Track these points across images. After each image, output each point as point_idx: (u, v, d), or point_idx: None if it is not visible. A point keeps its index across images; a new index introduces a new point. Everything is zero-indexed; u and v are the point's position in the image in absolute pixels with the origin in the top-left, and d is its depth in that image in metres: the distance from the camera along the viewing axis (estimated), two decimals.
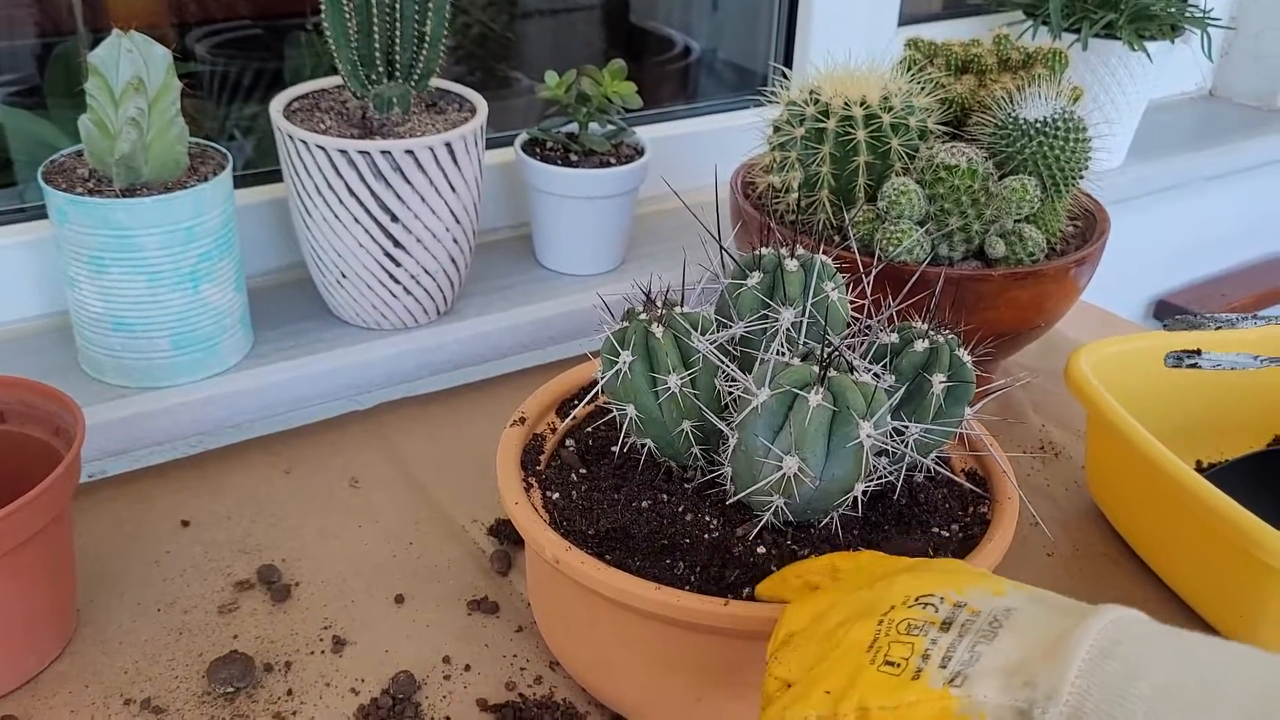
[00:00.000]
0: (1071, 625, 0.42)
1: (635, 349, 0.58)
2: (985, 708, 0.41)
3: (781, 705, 0.46)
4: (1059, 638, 0.41)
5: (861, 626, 0.46)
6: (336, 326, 0.90)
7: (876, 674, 0.44)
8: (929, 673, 0.43)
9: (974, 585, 0.46)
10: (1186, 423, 0.81)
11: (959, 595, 0.45)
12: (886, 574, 0.49)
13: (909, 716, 0.42)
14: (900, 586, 0.47)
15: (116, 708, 0.63)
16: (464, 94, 0.91)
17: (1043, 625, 0.43)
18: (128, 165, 0.76)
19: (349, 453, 0.86)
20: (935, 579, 0.47)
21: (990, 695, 0.41)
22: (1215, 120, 1.56)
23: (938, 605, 0.45)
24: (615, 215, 0.98)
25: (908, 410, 0.59)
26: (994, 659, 0.42)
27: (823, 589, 0.52)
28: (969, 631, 0.43)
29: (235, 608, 0.70)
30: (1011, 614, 0.44)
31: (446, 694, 0.65)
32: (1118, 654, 0.40)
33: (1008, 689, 0.41)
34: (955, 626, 0.44)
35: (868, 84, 0.82)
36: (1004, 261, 0.81)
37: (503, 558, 0.75)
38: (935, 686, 0.42)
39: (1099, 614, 0.42)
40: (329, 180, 0.82)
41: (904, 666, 0.43)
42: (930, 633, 0.44)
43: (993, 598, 0.45)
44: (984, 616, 0.44)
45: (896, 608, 0.46)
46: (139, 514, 0.78)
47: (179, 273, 0.78)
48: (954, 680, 0.42)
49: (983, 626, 0.44)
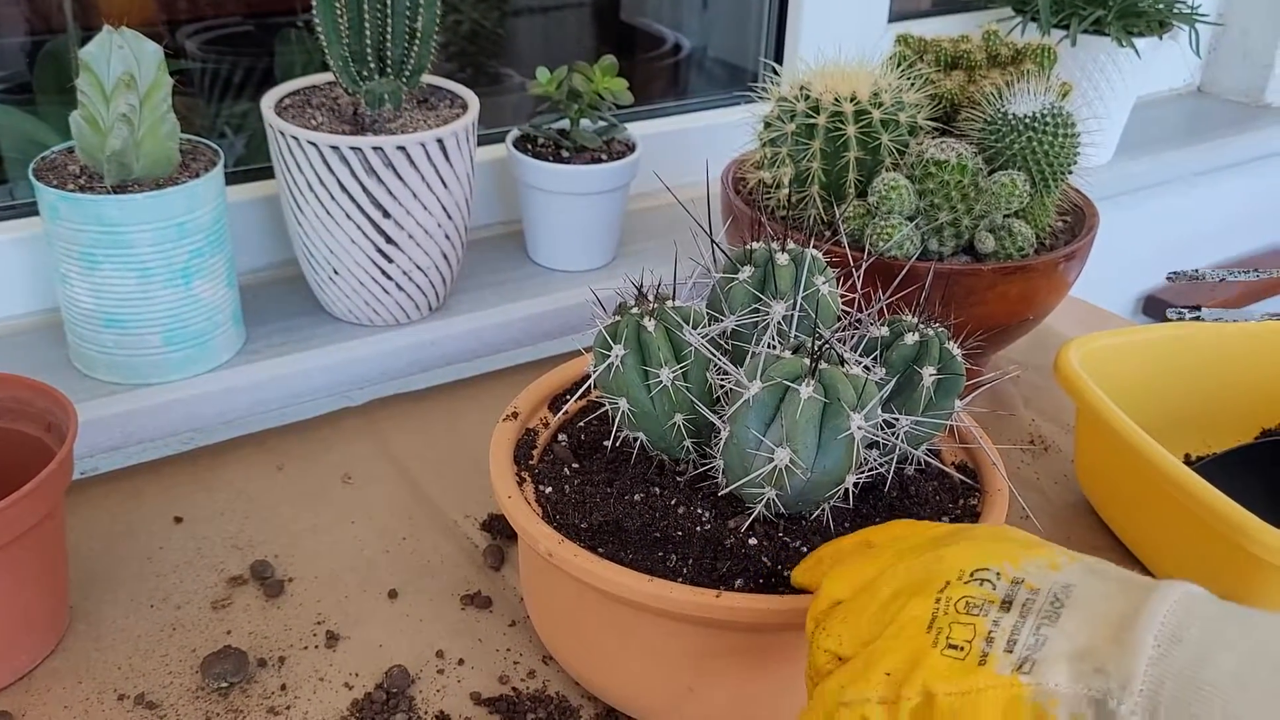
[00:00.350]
0: (1135, 606, 0.41)
1: (627, 343, 0.59)
2: (1057, 695, 0.40)
3: (838, 683, 0.45)
4: (1123, 620, 0.41)
5: (918, 603, 0.45)
6: (329, 323, 0.91)
7: (940, 657, 0.43)
8: (995, 657, 0.42)
9: (1028, 557, 0.45)
10: (1175, 416, 0.82)
11: (1015, 570, 0.45)
12: (932, 543, 0.48)
13: (977, 703, 0.42)
14: (953, 559, 0.46)
15: (110, 703, 0.63)
16: (455, 90, 0.91)
17: (1104, 603, 0.42)
18: (119, 162, 0.76)
19: (342, 448, 0.86)
20: (988, 550, 0.46)
21: (1062, 683, 0.40)
22: (1203, 116, 1.56)
23: (995, 582, 0.45)
24: (606, 211, 0.99)
25: (898, 403, 0.59)
26: (1060, 643, 0.41)
27: (864, 556, 0.51)
28: (1031, 612, 0.43)
29: (229, 603, 0.71)
30: (1071, 591, 0.43)
31: (440, 688, 0.65)
32: (1186, 638, 0.39)
33: (1079, 676, 0.40)
34: (1016, 606, 0.43)
35: (858, 80, 0.82)
36: (993, 256, 0.81)
37: (495, 552, 0.75)
38: (1003, 672, 0.42)
39: (1161, 594, 0.41)
40: (320, 176, 0.82)
41: (968, 650, 0.43)
42: (991, 613, 0.43)
43: (1050, 572, 0.45)
44: (1044, 595, 0.43)
45: (953, 584, 0.45)
46: (132, 510, 0.78)
47: (171, 269, 0.78)
48: (1022, 666, 0.41)
49: (1044, 606, 0.43)
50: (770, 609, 0.54)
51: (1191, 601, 0.41)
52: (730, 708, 0.58)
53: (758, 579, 0.57)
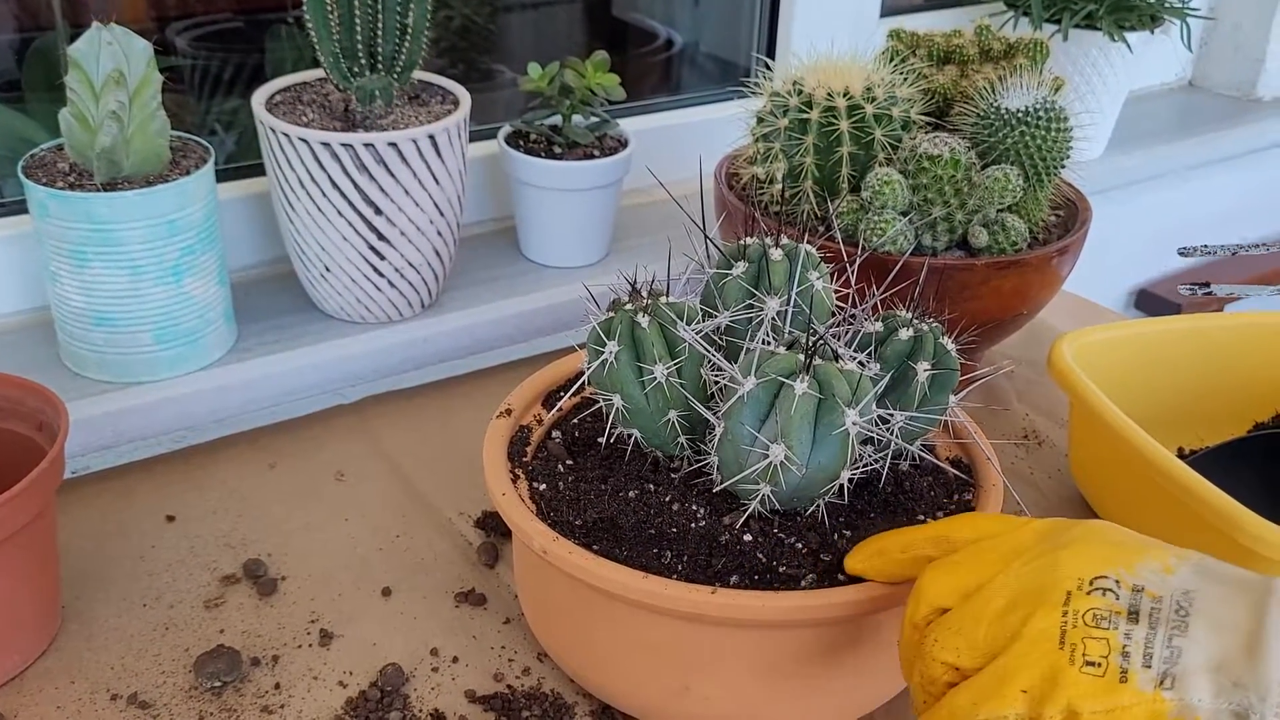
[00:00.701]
0: (1259, 611, 0.43)
1: (621, 339, 0.58)
2: (1200, 711, 0.42)
3: (969, 699, 0.46)
4: (1251, 630, 0.42)
5: (1044, 616, 0.45)
6: (321, 320, 0.90)
7: (1080, 675, 0.44)
8: (1135, 673, 0.43)
9: (1140, 561, 0.46)
10: (1168, 410, 0.82)
11: (1132, 576, 0.45)
12: (1041, 547, 0.48)
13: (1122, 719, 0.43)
14: (1068, 566, 0.46)
15: (103, 703, 0.63)
16: (447, 86, 0.91)
17: (1227, 609, 0.43)
18: (109, 159, 0.75)
19: (335, 446, 0.85)
20: (1102, 555, 0.47)
21: (1204, 699, 0.42)
22: (1195, 110, 1.57)
23: (1116, 591, 0.45)
24: (599, 207, 0.98)
25: (892, 398, 0.59)
26: (1195, 655, 0.42)
27: (958, 560, 0.51)
28: (1159, 623, 0.44)
29: (221, 602, 0.70)
30: (1193, 598, 0.44)
31: (435, 686, 0.65)
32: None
33: (1219, 690, 0.41)
34: (1143, 617, 0.44)
35: (850, 75, 0.82)
36: (987, 251, 0.81)
37: (490, 550, 0.75)
38: (1146, 689, 0.42)
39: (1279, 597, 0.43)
40: (312, 173, 0.82)
41: (1106, 666, 0.43)
42: (1120, 625, 0.44)
43: (1166, 577, 0.45)
44: (1167, 603, 0.44)
45: (1074, 594, 0.45)
46: (123, 509, 0.78)
47: (161, 267, 0.77)
48: (1163, 682, 0.42)
49: (1170, 616, 0.44)
50: (765, 606, 0.53)
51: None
52: (727, 705, 0.58)
53: (753, 575, 0.56)
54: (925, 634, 0.49)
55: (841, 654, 0.57)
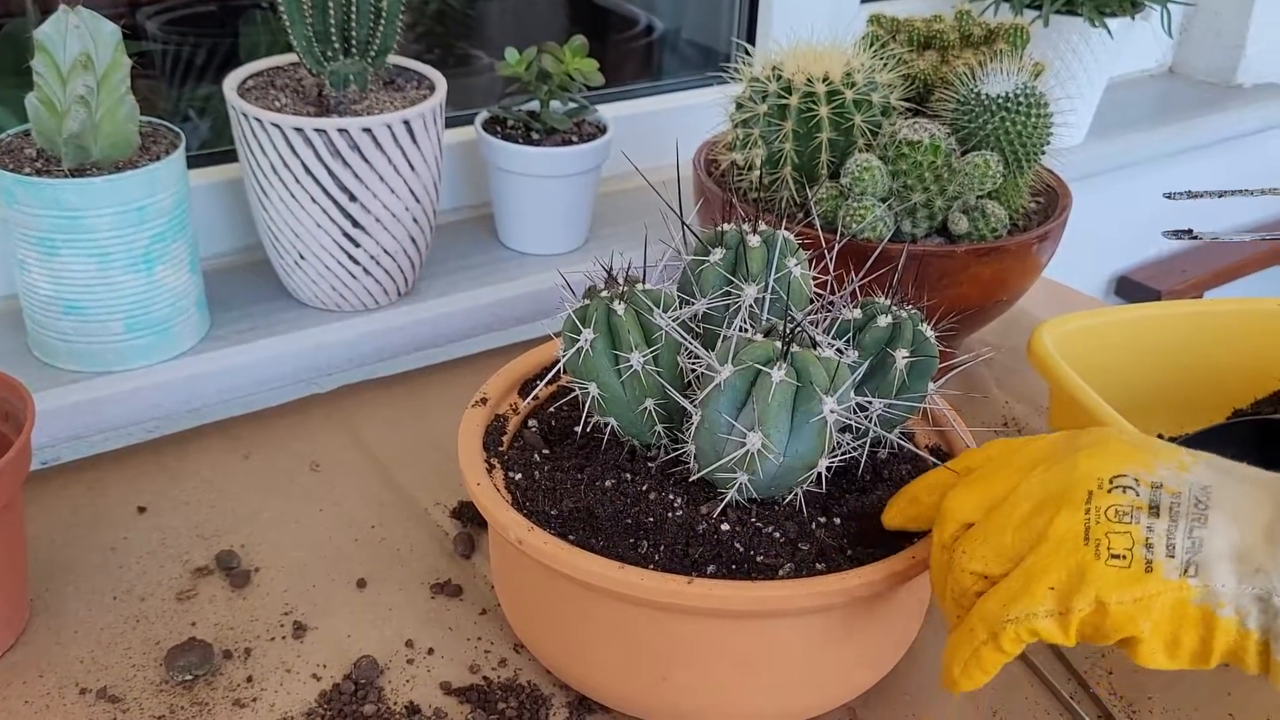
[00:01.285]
0: (1275, 503, 0.44)
1: (597, 327, 0.58)
2: (1224, 596, 0.43)
3: (999, 602, 0.47)
4: (1270, 522, 0.44)
5: (1068, 515, 0.47)
6: (295, 308, 0.89)
7: (1106, 568, 0.45)
8: (1159, 563, 0.44)
9: (1158, 460, 0.47)
10: (1147, 397, 0.82)
11: (1150, 474, 0.47)
12: (1057, 455, 0.50)
13: (1150, 608, 0.44)
14: (1088, 467, 0.48)
15: (72, 697, 0.62)
16: (422, 71, 0.90)
17: (1245, 503, 0.45)
18: (77, 144, 0.74)
19: (310, 436, 0.84)
20: (1120, 455, 0.48)
21: (1227, 583, 0.43)
22: (1175, 97, 1.57)
23: (1136, 488, 0.46)
24: (577, 194, 0.98)
25: (871, 386, 0.59)
26: (1216, 545, 0.44)
27: (978, 477, 0.52)
28: (1180, 516, 0.45)
29: (193, 594, 0.69)
30: (1210, 493, 0.45)
31: (410, 678, 0.64)
32: None
33: (1241, 577, 0.43)
34: (1164, 511, 0.45)
35: (830, 60, 0.81)
36: (967, 237, 0.81)
37: (466, 540, 0.74)
38: (1171, 578, 0.44)
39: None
40: (285, 159, 0.80)
41: (1130, 558, 0.45)
42: (1142, 519, 0.45)
43: (1181, 474, 0.46)
44: (1186, 498, 0.45)
45: (1096, 494, 0.47)
46: (94, 500, 0.77)
47: (131, 254, 0.76)
48: (1188, 570, 0.44)
49: (1189, 509, 0.45)
50: (743, 595, 0.53)
51: None
52: (705, 695, 0.58)
53: (730, 565, 0.56)
54: (954, 550, 0.51)
55: (819, 644, 0.57)
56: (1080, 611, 0.45)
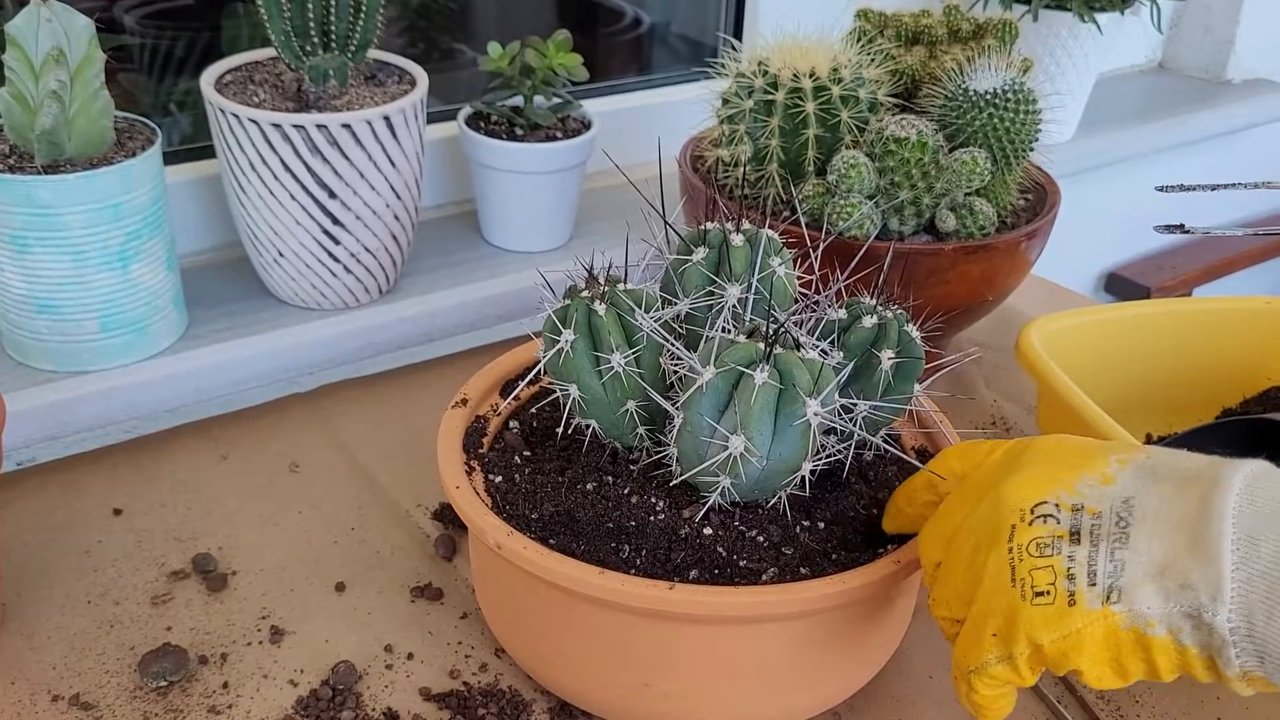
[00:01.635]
0: (1200, 507, 0.41)
1: (577, 327, 0.57)
2: (1151, 616, 0.41)
3: (961, 653, 0.47)
4: (1194, 526, 0.41)
5: (996, 557, 0.45)
6: (274, 306, 0.88)
7: (1032, 609, 0.44)
8: (1081, 594, 0.43)
9: (1082, 476, 0.45)
10: (1136, 396, 0.81)
11: (1070, 496, 0.45)
12: (992, 481, 0.48)
13: (1081, 642, 0.43)
14: (1012, 498, 0.46)
15: (44, 705, 0.61)
16: (404, 66, 0.89)
17: (1168, 508, 0.43)
18: (50, 140, 0.73)
19: (289, 436, 0.83)
20: (1042, 478, 0.46)
21: (1153, 605, 0.41)
22: (1165, 93, 1.56)
23: (1056, 515, 0.45)
24: (562, 190, 0.96)
25: (856, 387, 0.58)
26: (1137, 563, 0.42)
27: (939, 510, 0.52)
28: (1101, 538, 0.43)
29: (169, 598, 0.68)
30: (1131, 506, 0.43)
31: (388, 684, 0.63)
32: (1265, 536, 0.40)
33: (1167, 595, 0.41)
34: (1084, 535, 0.44)
35: (817, 55, 0.80)
36: (954, 235, 0.80)
37: (447, 542, 0.73)
38: (1094, 607, 0.42)
39: (1223, 489, 0.41)
40: (263, 155, 0.79)
41: (1054, 593, 0.43)
42: (1063, 548, 0.44)
43: (1103, 488, 0.45)
44: (1107, 517, 0.43)
45: (1018, 527, 0.45)
46: (69, 502, 0.76)
47: (106, 252, 0.75)
48: (1110, 597, 0.42)
49: (1110, 529, 0.43)
50: (725, 601, 0.52)
51: (1257, 487, 0.41)
52: (688, 701, 0.57)
53: (713, 570, 0.55)
54: (930, 593, 0.50)
55: (804, 649, 0.56)
56: (1021, 655, 0.44)
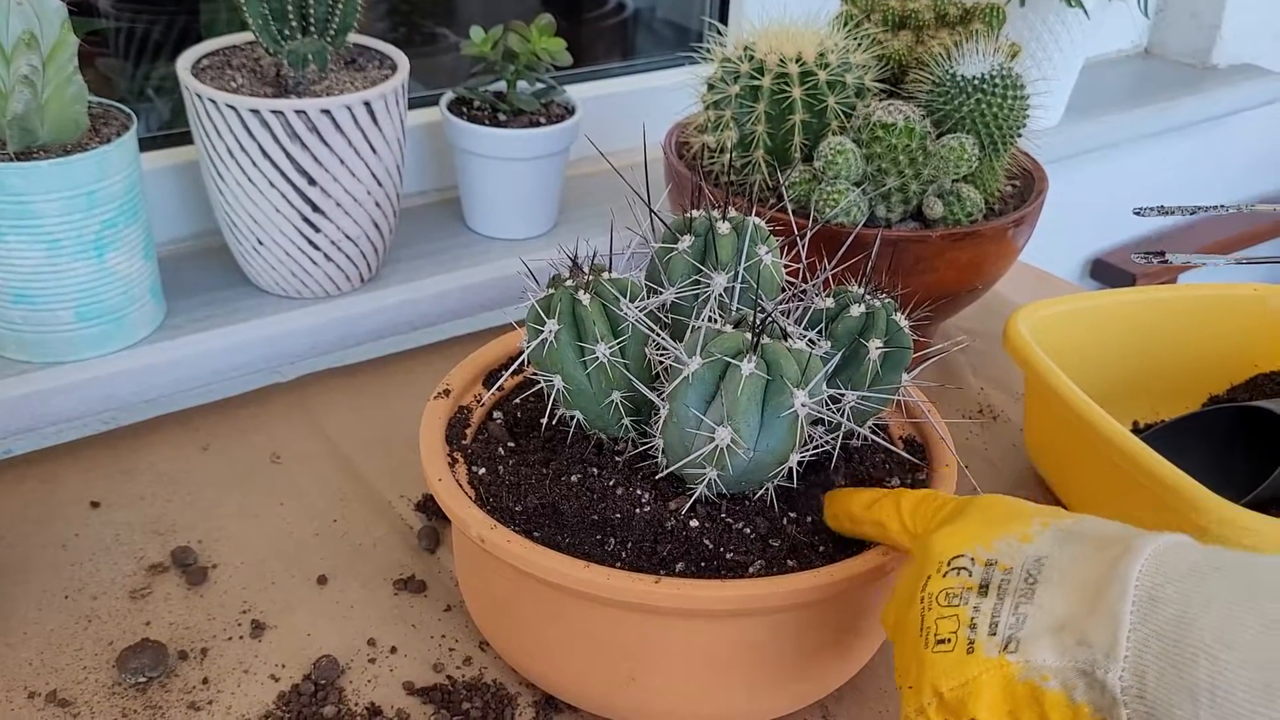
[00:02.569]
0: (1108, 569, 0.41)
1: (561, 317, 0.56)
2: (1046, 670, 0.41)
3: (902, 710, 0.46)
4: (1098, 586, 0.41)
5: (911, 609, 0.46)
6: (254, 295, 0.87)
7: (933, 655, 0.44)
8: (980, 642, 0.43)
9: (1002, 534, 0.45)
10: (1124, 384, 0.81)
11: (987, 551, 0.45)
12: (922, 540, 0.49)
13: (976, 690, 0.42)
14: (935, 551, 0.47)
15: (20, 701, 0.60)
16: (384, 50, 0.87)
17: (1078, 569, 0.42)
18: (22, 127, 0.71)
19: (270, 427, 0.82)
20: (965, 535, 0.46)
21: (1048, 658, 0.41)
22: (1151, 78, 1.56)
23: (970, 568, 0.45)
24: (545, 177, 0.95)
25: (843, 377, 0.57)
26: (1040, 618, 0.42)
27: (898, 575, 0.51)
28: (1007, 593, 0.43)
29: (148, 592, 0.67)
30: (1043, 564, 0.43)
31: (371, 678, 0.62)
32: (1164, 597, 0.39)
33: (1063, 650, 0.41)
34: (992, 589, 0.43)
35: (804, 40, 0.79)
36: (942, 222, 0.79)
37: (431, 534, 0.72)
38: (991, 655, 0.42)
39: (1134, 552, 0.41)
40: (241, 142, 0.78)
41: (955, 641, 0.43)
42: (970, 599, 0.44)
43: (1021, 546, 0.45)
44: (1017, 573, 0.43)
45: (933, 577, 0.46)
46: (46, 495, 0.74)
47: (81, 241, 0.74)
48: (1008, 646, 0.42)
49: (1019, 585, 0.43)
50: (712, 594, 0.51)
51: (1166, 555, 0.41)
52: (673, 696, 0.56)
53: (699, 562, 0.54)
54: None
55: (790, 642, 0.55)
56: (931, 705, 0.43)
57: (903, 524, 0.52)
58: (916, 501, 0.52)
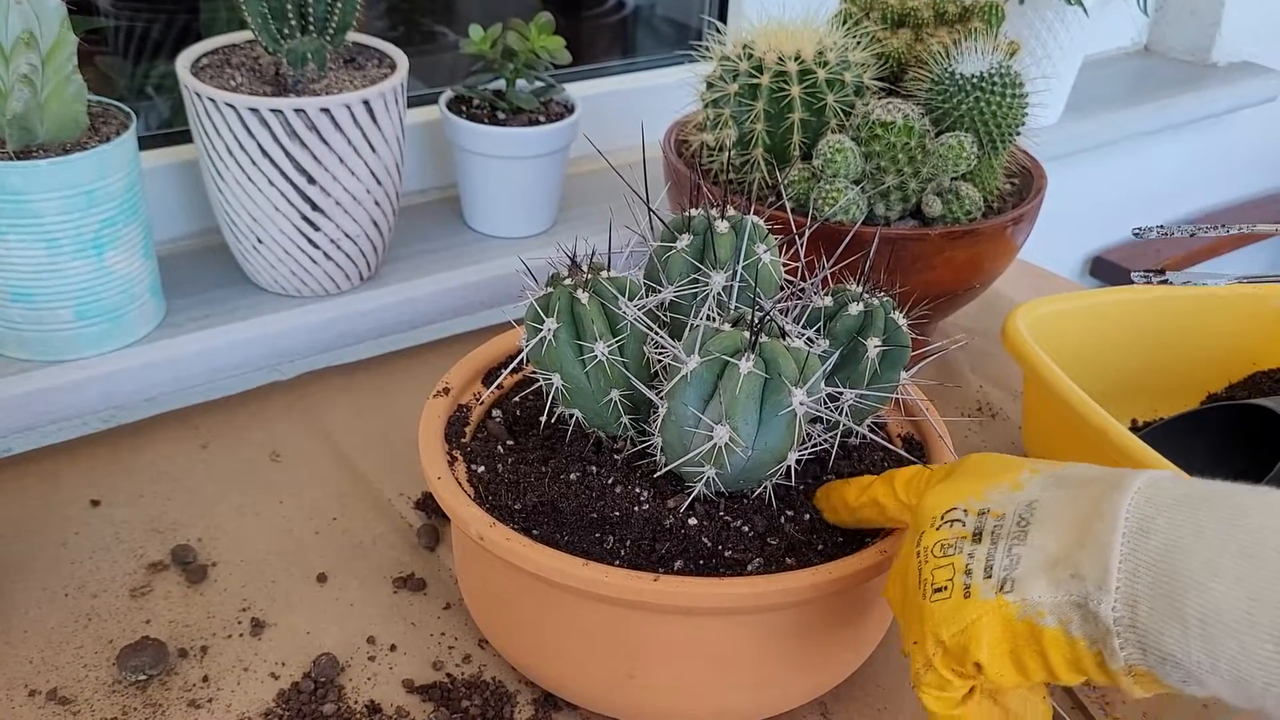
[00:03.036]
0: (1097, 504, 0.42)
1: (560, 316, 0.56)
2: (1042, 606, 0.41)
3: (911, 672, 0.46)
4: (1087, 521, 0.42)
5: (909, 568, 0.46)
6: (254, 294, 0.87)
7: (931, 605, 0.44)
8: (977, 586, 0.43)
9: (993, 485, 0.46)
10: (1122, 382, 0.81)
11: (979, 502, 0.46)
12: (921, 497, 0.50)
13: (976, 633, 0.43)
14: (928, 508, 0.47)
15: (20, 699, 0.60)
16: (384, 49, 0.87)
17: (1069, 509, 0.43)
18: (21, 125, 0.71)
19: (270, 425, 0.82)
20: (957, 489, 0.47)
21: (1044, 594, 0.41)
22: (1150, 76, 1.56)
23: (963, 519, 0.45)
24: (545, 175, 0.95)
25: (842, 376, 0.57)
26: (1033, 557, 0.42)
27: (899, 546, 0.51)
28: (1000, 537, 0.44)
29: (148, 590, 0.67)
30: (1034, 507, 0.44)
31: (371, 676, 0.62)
32: (1154, 529, 0.40)
33: (1058, 584, 0.41)
34: (985, 535, 0.44)
35: (803, 39, 0.79)
36: (941, 220, 0.79)
37: (430, 532, 0.72)
38: (989, 597, 0.43)
39: (1122, 488, 0.42)
40: (240, 140, 0.78)
41: (951, 588, 0.44)
42: (964, 547, 0.44)
43: (1012, 493, 0.45)
44: (1009, 518, 0.44)
45: (926, 532, 0.46)
46: (46, 493, 0.74)
47: (81, 239, 0.74)
48: (1004, 587, 0.42)
49: (1011, 529, 0.44)
50: (710, 592, 0.52)
51: (1156, 489, 0.41)
52: (672, 693, 0.56)
53: (698, 560, 0.55)
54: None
55: (789, 640, 0.56)
56: (936, 655, 0.44)
57: (898, 499, 0.52)
58: (909, 476, 0.53)
